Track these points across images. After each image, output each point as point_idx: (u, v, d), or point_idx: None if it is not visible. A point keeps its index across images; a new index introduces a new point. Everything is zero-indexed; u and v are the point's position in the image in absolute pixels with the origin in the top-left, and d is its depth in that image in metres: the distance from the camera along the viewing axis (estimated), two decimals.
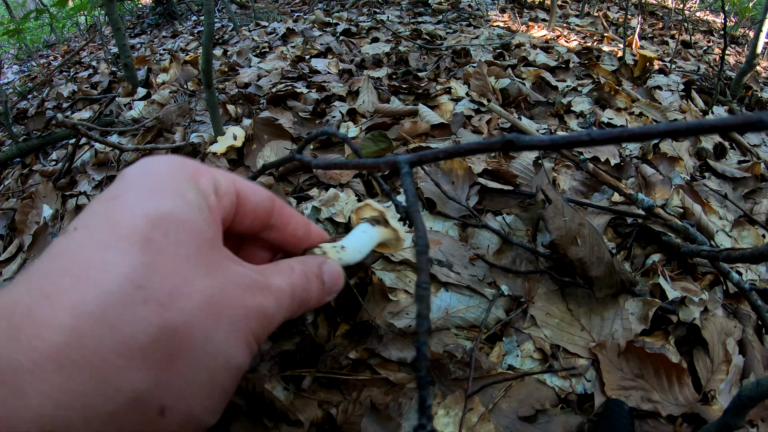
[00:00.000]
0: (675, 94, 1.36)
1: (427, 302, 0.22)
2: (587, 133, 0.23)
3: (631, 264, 0.72)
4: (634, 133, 0.22)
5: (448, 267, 0.65)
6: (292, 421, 0.49)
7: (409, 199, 0.27)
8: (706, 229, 0.78)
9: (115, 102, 1.41)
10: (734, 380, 0.56)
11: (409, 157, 0.29)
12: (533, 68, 1.42)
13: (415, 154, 0.29)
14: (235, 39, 2.10)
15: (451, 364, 0.52)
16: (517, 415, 0.50)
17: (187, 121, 1.15)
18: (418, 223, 0.25)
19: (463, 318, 0.59)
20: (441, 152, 0.28)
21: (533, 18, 2.36)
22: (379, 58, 1.57)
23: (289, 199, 0.76)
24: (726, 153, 1.09)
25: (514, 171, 0.85)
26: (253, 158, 0.87)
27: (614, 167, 0.95)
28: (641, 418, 0.51)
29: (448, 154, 0.28)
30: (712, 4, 3.70)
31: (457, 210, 0.76)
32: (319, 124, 1.08)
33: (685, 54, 1.98)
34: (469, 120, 1.09)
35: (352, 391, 0.52)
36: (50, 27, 3.49)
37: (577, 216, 0.64)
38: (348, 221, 0.73)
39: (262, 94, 1.26)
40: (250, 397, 0.50)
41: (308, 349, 0.55)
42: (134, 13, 3.84)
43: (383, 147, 0.89)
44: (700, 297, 0.63)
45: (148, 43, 2.59)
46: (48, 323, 0.19)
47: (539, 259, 0.68)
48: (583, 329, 0.60)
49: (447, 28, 2.05)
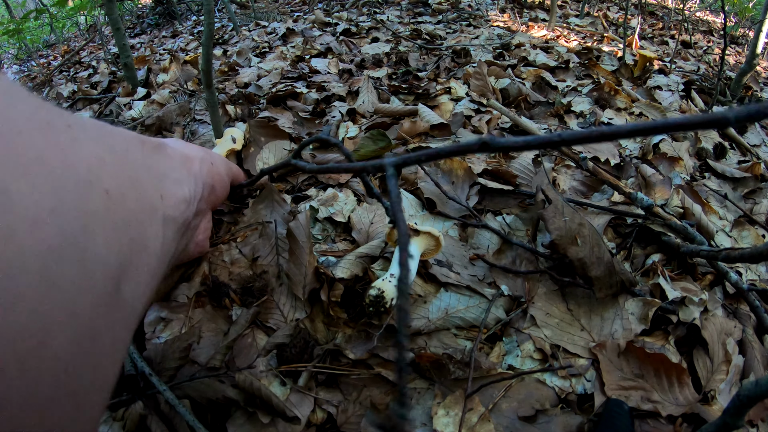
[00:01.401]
0: (675, 95, 1.36)
1: (407, 296, 0.23)
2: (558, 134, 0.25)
3: (631, 264, 0.72)
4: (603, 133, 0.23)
5: (448, 267, 0.65)
6: (288, 418, 0.49)
7: (393, 199, 0.30)
8: (706, 229, 0.78)
9: (115, 102, 1.41)
10: (734, 380, 0.56)
11: (394, 159, 0.33)
12: (533, 68, 1.42)
13: (399, 156, 0.33)
14: (235, 39, 2.10)
15: (451, 365, 0.52)
16: (517, 415, 0.50)
17: (186, 120, 1.15)
18: (399, 222, 0.27)
19: (463, 318, 0.59)
20: (423, 155, 0.32)
21: (533, 18, 2.36)
22: (379, 58, 1.57)
23: (285, 197, 0.76)
24: (726, 153, 1.09)
25: (514, 171, 0.85)
26: (252, 160, 0.87)
27: (614, 167, 0.95)
28: (641, 418, 0.51)
29: (429, 156, 0.31)
30: (712, 4, 3.70)
31: (457, 210, 0.76)
32: (319, 124, 1.08)
33: (685, 54, 1.98)
34: (469, 120, 1.09)
35: (352, 391, 0.52)
36: (50, 27, 3.49)
37: (577, 216, 0.64)
38: (348, 221, 0.73)
39: (262, 94, 1.25)
40: (247, 393, 0.50)
41: (303, 343, 0.55)
42: (134, 13, 3.84)
43: (382, 146, 0.89)
44: (700, 297, 0.63)
45: (148, 43, 2.59)
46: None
47: (539, 259, 0.68)
48: (583, 329, 0.60)
49: (447, 28, 2.05)
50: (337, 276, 0.60)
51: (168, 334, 0.57)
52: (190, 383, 0.51)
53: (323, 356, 0.55)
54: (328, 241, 0.71)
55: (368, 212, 0.74)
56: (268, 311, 0.60)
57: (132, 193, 0.33)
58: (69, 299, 0.23)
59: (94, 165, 0.29)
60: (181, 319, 0.59)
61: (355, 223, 0.72)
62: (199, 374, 0.52)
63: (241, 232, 0.71)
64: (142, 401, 0.50)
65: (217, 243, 0.70)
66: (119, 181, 0.31)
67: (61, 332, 0.23)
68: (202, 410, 0.51)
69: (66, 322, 0.23)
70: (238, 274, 0.64)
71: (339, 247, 0.70)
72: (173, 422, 0.48)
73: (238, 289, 0.62)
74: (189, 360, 0.54)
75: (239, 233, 0.71)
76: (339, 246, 0.70)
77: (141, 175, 0.37)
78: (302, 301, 0.60)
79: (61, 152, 0.26)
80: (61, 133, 0.27)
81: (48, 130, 0.26)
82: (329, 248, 0.70)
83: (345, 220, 0.73)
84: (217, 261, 0.66)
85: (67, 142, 0.27)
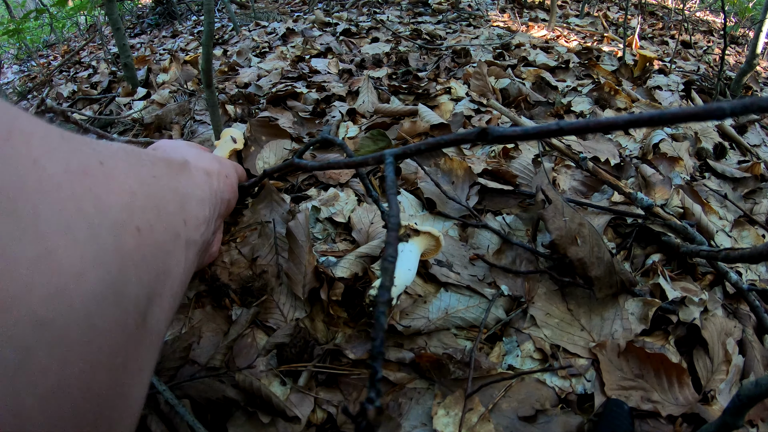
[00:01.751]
0: (675, 94, 1.36)
1: (391, 275, 0.23)
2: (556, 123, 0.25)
3: (631, 264, 0.72)
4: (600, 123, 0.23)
5: (447, 267, 0.65)
6: (289, 417, 0.49)
7: (388, 183, 0.30)
8: (706, 229, 0.78)
9: (115, 102, 1.41)
10: (734, 380, 0.56)
11: (393, 150, 0.34)
12: (533, 68, 1.42)
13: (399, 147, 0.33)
14: (235, 39, 2.10)
15: (451, 365, 0.52)
16: (517, 415, 0.50)
17: (186, 119, 1.15)
18: (393, 205, 0.28)
19: (463, 318, 0.59)
20: (423, 144, 0.32)
21: (533, 18, 2.36)
22: (379, 58, 1.57)
23: (284, 197, 0.76)
24: (726, 153, 1.09)
25: (514, 171, 0.85)
26: (252, 160, 0.87)
27: (614, 167, 0.95)
28: (641, 418, 0.51)
29: (430, 146, 0.32)
30: (712, 4, 3.70)
31: (457, 210, 0.76)
32: (319, 124, 1.08)
33: (685, 54, 1.98)
34: (469, 120, 1.09)
35: (352, 391, 0.52)
36: (50, 27, 3.49)
37: (577, 216, 0.64)
38: (348, 221, 0.73)
39: (262, 94, 1.25)
40: (247, 393, 0.50)
41: (303, 343, 0.55)
42: (134, 13, 3.84)
43: (382, 146, 0.89)
44: (700, 297, 0.63)
45: (148, 43, 2.59)
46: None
47: (539, 259, 0.68)
48: (583, 329, 0.60)
49: (447, 28, 2.05)
50: (337, 275, 0.60)
51: (168, 335, 0.57)
52: (190, 383, 0.51)
53: (323, 356, 0.55)
54: (329, 241, 0.71)
55: (368, 212, 0.74)
56: (268, 311, 0.60)
57: (159, 224, 0.34)
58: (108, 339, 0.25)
59: (127, 202, 0.30)
60: (182, 320, 0.59)
61: (356, 223, 0.72)
62: (199, 374, 0.52)
63: (241, 233, 0.71)
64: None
65: None
66: (148, 214, 0.32)
67: (101, 371, 0.25)
68: (202, 410, 0.51)
69: (105, 361, 0.25)
70: (238, 274, 0.64)
71: (339, 247, 0.70)
72: (173, 422, 0.48)
73: (237, 289, 0.62)
74: (189, 360, 0.54)
75: (239, 233, 0.71)
76: (339, 246, 0.70)
77: (167, 202, 0.37)
78: (302, 300, 0.60)
79: (97, 197, 0.27)
80: (96, 174, 0.28)
81: (84, 176, 0.27)
82: (329, 248, 0.70)
83: (345, 220, 0.73)
84: (217, 261, 0.66)
85: (101, 183, 0.28)
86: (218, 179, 0.54)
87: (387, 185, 0.30)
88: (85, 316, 0.23)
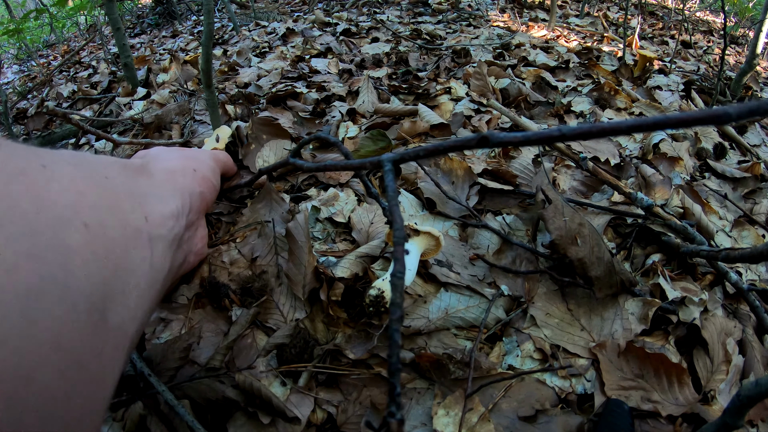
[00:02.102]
0: (675, 94, 1.36)
1: (401, 291, 0.23)
2: (557, 128, 0.25)
3: (631, 264, 0.72)
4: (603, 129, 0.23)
5: (448, 267, 0.65)
6: (289, 418, 0.49)
7: (389, 194, 0.30)
8: (706, 229, 0.78)
9: (115, 102, 1.41)
10: (734, 380, 0.56)
11: (391, 155, 0.33)
12: (533, 68, 1.42)
13: (397, 152, 0.33)
14: (234, 39, 2.10)
15: (451, 365, 0.52)
16: (517, 415, 0.50)
17: (186, 119, 1.15)
18: (396, 217, 0.28)
19: (463, 318, 0.59)
20: (422, 150, 0.31)
21: (533, 18, 2.36)
22: (379, 58, 1.57)
23: (283, 197, 0.76)
24: (726, 153, 1.09)
25: (514, 171, 0.85)
26: (252, 158, 0.87)
27: (614, 167, 0.95)
28: (641, 418, 0.51)
29: (428, 152, 0.31)
30: (712, 4, 3.70)
31: (457, 210, 0.76)
32: (319, 124, 1.08)
33: (685, 54, 1.98)
34: (469, 120, 1.09)
35: (352, 391, 0.52)
36: (50, 27, 3.49)
37: (577, 216, 0.64)
38: (348, 221, 0.73)
39: (261, 94, 1.25)
40: (247, 393, 0.50)
41: (303, 343, 0.55)
42: (134, 13, 3.84)
43: (382, 146, 0.89)
44: (700, 297, 0.63)
45: (148, 43, 2.59)
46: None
47: (539, 259, 0.68)
48: (583, 329, 0.60)
49: (447, 28, 2.05)
50: (337, 275, 0.60)
51: (168, 335, 0.57)
52: (189, 384, 0.51)
53: (323, 356, 0.55)
54: (329, 241, 0.71)
55: (368, 212, 0.74)
56: (268, 311, 0.60)
57: (112, 221, 0.34)
58: (52, 334, 0.25)
59: (72, 201, 0.30)
60: (181, 320, 0.59)
61: (356, 223, 0.72)
62: (199, 375, 0.52)
63: (240, 233, 0.71)
64: (142, 402, 0.50)
65: (217, 244, 0.70)
66: (98, 211, 0.32)
67: (46, 366, 0.24)
68: (201, 411, 0.51)
69: (50, 356, 0.24)
70: (238, 275, 0.64)
71: (339, 247, 0.70)
72: (173, 423, 0.48)
73: (237, 290, 0.62)
74: (189, 360, 0.54)
75: (238, 233, 0.71)
76: (339, 246, 0.70)
77: (122, 200, 0.38)
78: (302, 301, 0.60)
79: (35, 196, 0.27)
80: (36, 175, 0.29)
81: (21, 176, 0.27)
82: (329, 248, 0.70)
83: (345, 220, 0.73)
84: (216, 262, 0.66)
85: (42, 184, 0.29)
86: (183, 175, 0.55)
87: (388, 196, 0.29)
88: (20, 308, 0.23)
